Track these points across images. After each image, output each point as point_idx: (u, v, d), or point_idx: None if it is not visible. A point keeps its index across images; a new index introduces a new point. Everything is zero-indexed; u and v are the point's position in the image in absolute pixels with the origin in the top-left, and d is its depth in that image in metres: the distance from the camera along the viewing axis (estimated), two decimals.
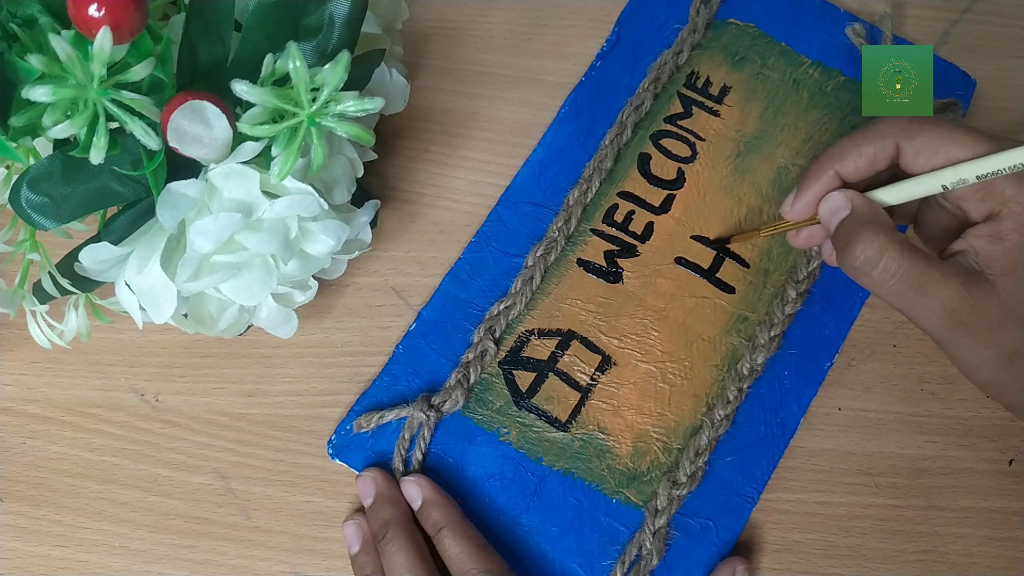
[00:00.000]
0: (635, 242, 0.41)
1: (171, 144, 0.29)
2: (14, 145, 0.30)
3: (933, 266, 0.31)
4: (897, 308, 0.32)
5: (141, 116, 0.28)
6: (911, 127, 0.32)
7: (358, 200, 0.37)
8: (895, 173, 0.34)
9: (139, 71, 0.27)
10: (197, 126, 0.29)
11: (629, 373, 0.39)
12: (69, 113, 0.27)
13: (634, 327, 0.40)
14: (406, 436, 0.38)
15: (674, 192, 0.42)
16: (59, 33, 0.28)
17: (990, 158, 0.31)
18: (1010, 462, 0.39)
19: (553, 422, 0.39)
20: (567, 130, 0.44)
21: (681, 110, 0.44)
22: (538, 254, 0.41)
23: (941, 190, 0.32)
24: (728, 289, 0.41)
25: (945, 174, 0.32)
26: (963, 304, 0.31)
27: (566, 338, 0.40)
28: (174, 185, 0.30)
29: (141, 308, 0.33)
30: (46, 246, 0.35)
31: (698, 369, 0.39)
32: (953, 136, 0.32)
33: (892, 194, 0.33)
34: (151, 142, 0.28)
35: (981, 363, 0.32)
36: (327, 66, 0.29)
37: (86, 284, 0.34)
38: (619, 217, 0.42)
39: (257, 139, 0.30)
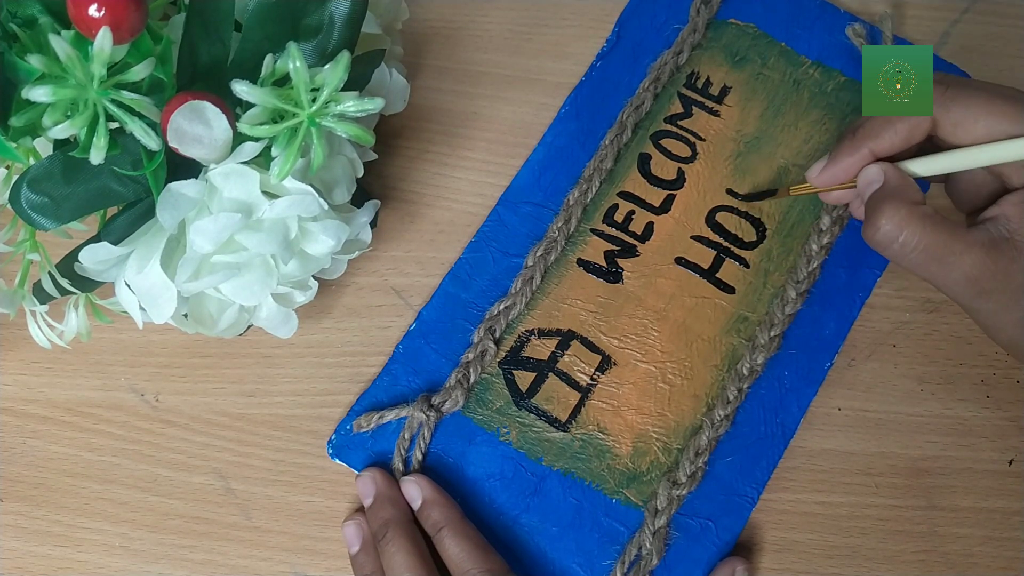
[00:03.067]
0: (635, 242, 0.41)
1: (171, 144, 0.29)
2: (14, 145, 0.31)
3: (956, 237, 0.31)
4: (922, 277, 0.32)
5: (141, 116, 0.28)
6: (944, 100, 0.32)
7: (358, 200, 0.37)
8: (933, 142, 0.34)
9: (139, 71, 0.27)
10: (197, 126, 0.29)
11: (629, 373, 0.39)
12: (69, 113, 0.27)
13: (634, 327, 0.40)
14: (406, 436, 0.38)
15: (674, 192, 0.42)
16: (59, 33, 0.28)
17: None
18: (1010, 462, 0.39)
19: (553, 422, 0.39)
20: (567, 130, 0.44)
21: (681, 110, 0.44)
22: (538, 254, 0.41)
23: (974, 166, 0.32)
24: (728, 289, 0.41)
25: (983, 154, 0.31)
26: (985, 273, 0.31)
27: (566, 338, 0.40)
28: (174, 185, 0.30)
29: (141, 308, 0.33)
30: (46, 246, 0.35)
31: (698, 369, 0.39)
32: (990, 106, 0.31)
33: (923, 166, 0.33)
34: (151, 142, 0.28)
35: (1004, 326, 0.32)
36: (327, 66, 0.29)
37: (86, 284, 0.34)
38: (619, 217, 0.42)
39: (257, 139, 0.30)
